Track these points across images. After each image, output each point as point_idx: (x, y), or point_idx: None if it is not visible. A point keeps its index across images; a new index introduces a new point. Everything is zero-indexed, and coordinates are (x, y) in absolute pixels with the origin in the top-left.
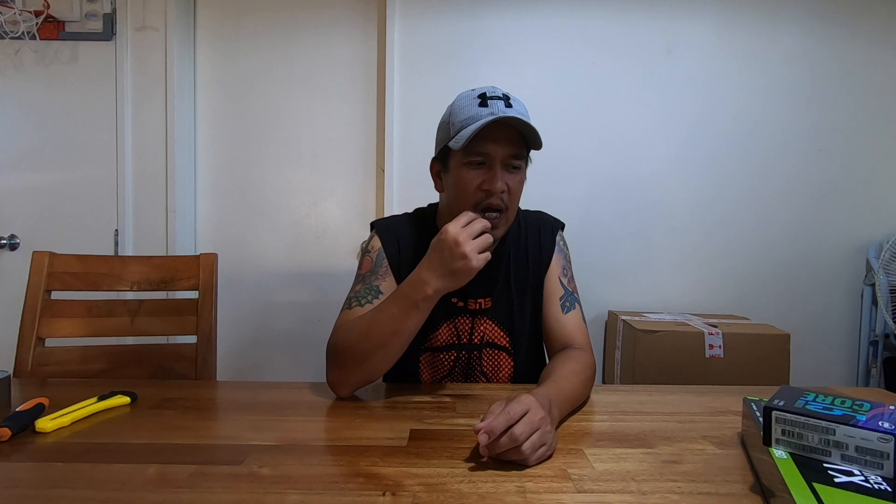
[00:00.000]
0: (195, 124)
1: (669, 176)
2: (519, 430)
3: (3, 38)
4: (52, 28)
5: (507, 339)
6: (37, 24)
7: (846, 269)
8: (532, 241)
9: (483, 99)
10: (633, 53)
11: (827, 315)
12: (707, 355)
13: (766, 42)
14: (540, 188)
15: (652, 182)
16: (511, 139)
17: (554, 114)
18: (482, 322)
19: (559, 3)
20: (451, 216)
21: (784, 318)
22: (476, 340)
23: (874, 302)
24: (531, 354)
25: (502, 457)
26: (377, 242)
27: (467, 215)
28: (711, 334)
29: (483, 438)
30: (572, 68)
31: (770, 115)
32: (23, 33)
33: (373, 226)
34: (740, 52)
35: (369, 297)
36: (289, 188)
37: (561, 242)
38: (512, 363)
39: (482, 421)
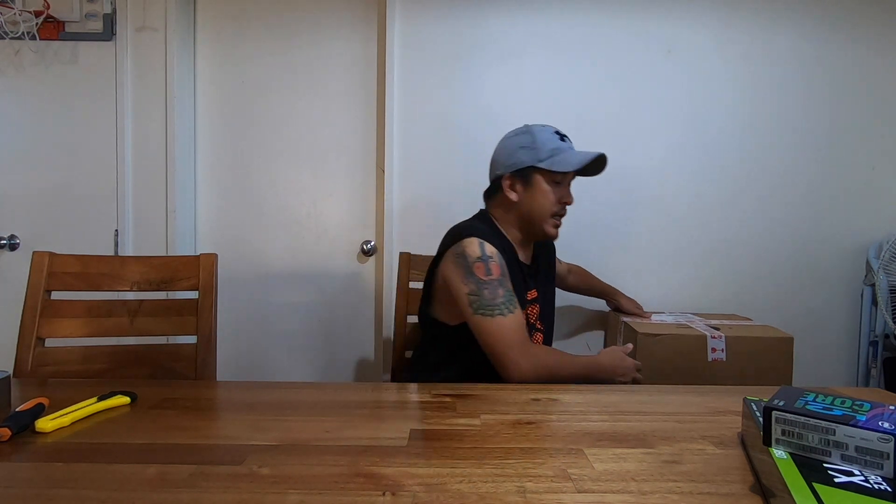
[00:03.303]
0: (195, 124)
1: (670, 176)
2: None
3: (3, 38)
4: (52, 28)
5: (542, 324)
6: (37, 24)
7: (846, 269)
8: (548, 244)
9: (560, 135)
10: (633, 54)
11: (827, 315)
12: (709, 359)
13: (767, 43)
14: None
15: (653, 183)
16: None
17: (553, 113)
18: (533, 308)
19: (559, 3)
20: (532, 220)
21: (784, 318)
22: (531, 321)
23: (874, 302)
24: (550, 337)
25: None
26: (492, 248)
27: (631, 363)
28: (714, 338)
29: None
30: (572, 68)
31: (771, 116)
32: (23, 33)
33: (471, 234)
34: (740, 52)
35: (515, 301)
36: (289, 188)
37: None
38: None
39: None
